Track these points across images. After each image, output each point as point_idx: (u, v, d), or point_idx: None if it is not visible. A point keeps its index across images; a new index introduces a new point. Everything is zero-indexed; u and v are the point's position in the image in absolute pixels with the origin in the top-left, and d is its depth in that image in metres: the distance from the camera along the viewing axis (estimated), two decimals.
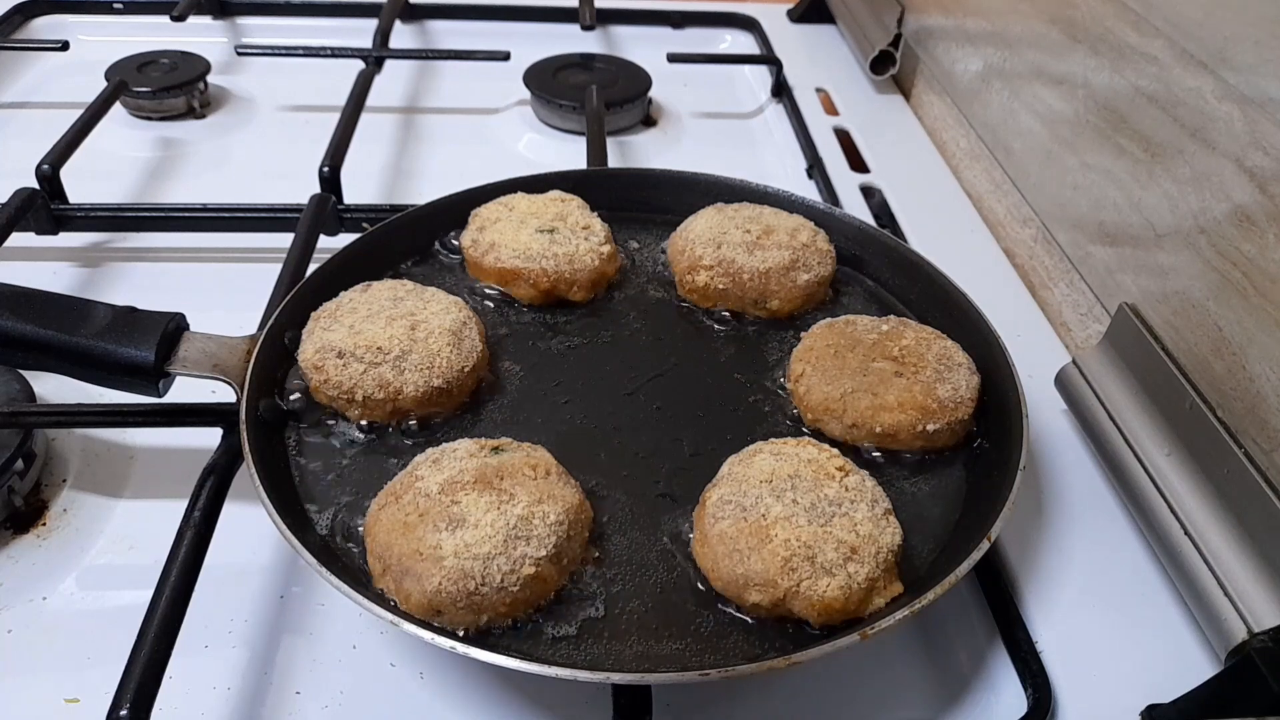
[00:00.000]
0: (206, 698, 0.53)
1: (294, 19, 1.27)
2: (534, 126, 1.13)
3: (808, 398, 0.64)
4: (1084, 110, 0.83)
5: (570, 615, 0.52)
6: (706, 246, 0.73)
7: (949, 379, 0.63)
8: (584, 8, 1.24)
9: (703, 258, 0.73)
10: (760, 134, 1.16)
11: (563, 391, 0.67)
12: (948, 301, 0.73)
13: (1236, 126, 0.63)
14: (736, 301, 0.73)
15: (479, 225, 0.75)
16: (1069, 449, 0.73)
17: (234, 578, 0.59)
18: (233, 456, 0.60)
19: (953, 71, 1.12)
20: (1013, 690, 0.56)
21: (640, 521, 0.58)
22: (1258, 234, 0.61)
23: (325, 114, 1.02)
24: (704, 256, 0.73)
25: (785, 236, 0.74)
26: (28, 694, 0.53)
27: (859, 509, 0.54)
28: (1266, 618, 0.54)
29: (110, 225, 0.86)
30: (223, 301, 0.70)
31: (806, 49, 1.33)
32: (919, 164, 1.10)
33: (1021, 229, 0.95)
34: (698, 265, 0.73)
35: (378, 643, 0.57)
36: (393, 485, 0.55)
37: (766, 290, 0.72)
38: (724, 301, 0.74)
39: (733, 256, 0.73)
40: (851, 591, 0.51)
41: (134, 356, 0.58)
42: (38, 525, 0.62)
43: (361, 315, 0.64)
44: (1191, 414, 0.63)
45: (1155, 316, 0.70)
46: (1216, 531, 0.59)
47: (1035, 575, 0.63)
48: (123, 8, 1.24)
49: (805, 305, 0.74)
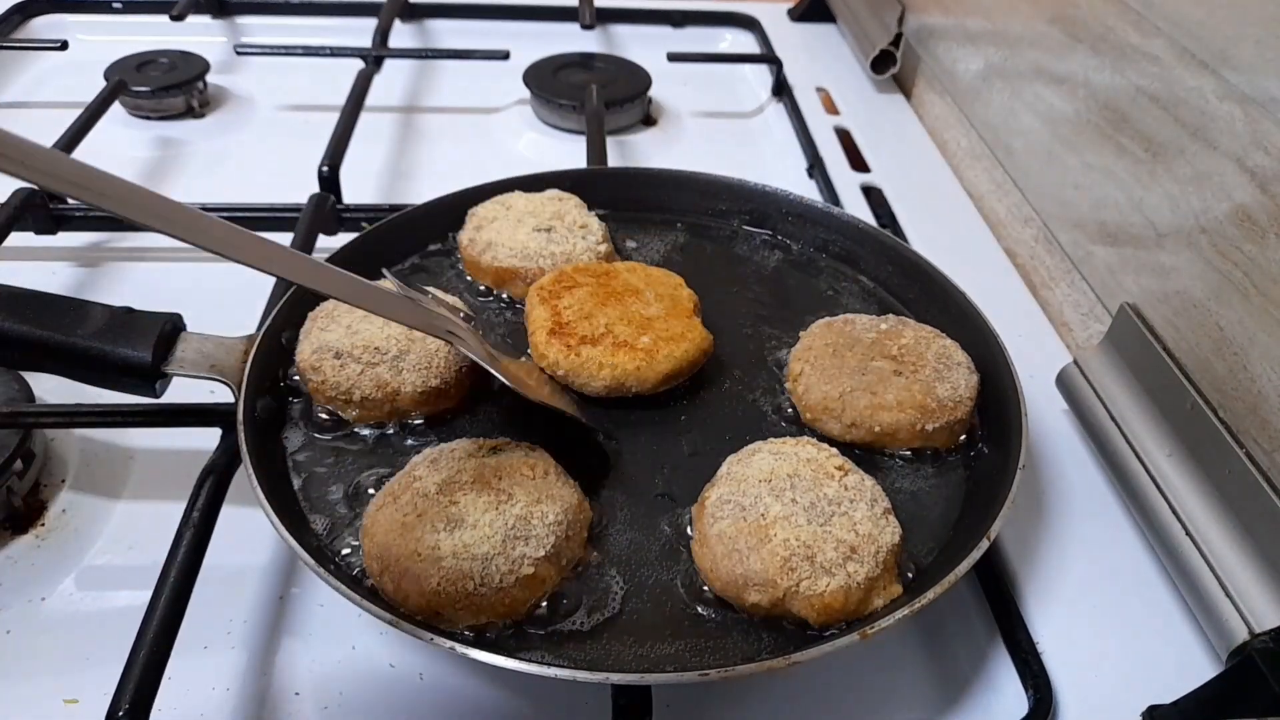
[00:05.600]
0: (206, 698, 0.53)
1: (293, 18, 1.27)
2: (534, 126, 1.13)
3: (806, 397, 0.64)
4: (1085, 110, 0.83)
5: (569, 615, 0.52)
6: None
7: (948, 378, 0.63)
8: (584, 7, 1.24)
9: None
10: (760, 133, 1.16)
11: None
12: (947, 301, 0.72)
13: (1238, 126, 0.63)
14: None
15: (476, 224, 0.75)
16: (1070, 449, 0.73)
17: (233, 579, 0.59)
18: (231, 457, 0.60)
19: (954, 71, 1.12)
20: (1013, 690, 0.56)
21: (639, 521, 0.58)
22: (1259, 234, 0.60)
23: (324, 113, 1.02)
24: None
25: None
26: (27, 695, 0.53)
27: (858, 508, 0.54)
28: (1267, 618, 0.54)
29: (109, 225, 0.86)
30: (221, 301, 0.69)
31: (807, 48, 1.33)
32: (919, 163, 1.10)
33: (1022, 228, 0.95)
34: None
35: (377, 643, 0.56)
36: (391, 485, 0.55)
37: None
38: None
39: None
40: (851, 591, 0.51)
41: (130, 357, 0.58)
42: (36, 525, 0.62)
43: (359, 315, 0.64)
44: (1193, 414, 0.63)
45: (1156, 316, 0.70)
46: (1218, 532, 0.59)
47: (1036, 575, 0.63)
48: (122, 7, 1.24)
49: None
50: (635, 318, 0.66)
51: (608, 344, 0.64)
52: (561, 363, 0.63)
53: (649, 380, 0.64)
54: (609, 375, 0.63)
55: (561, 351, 0.64)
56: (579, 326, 0.65)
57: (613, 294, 0.68)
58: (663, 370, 0.64)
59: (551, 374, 0.65)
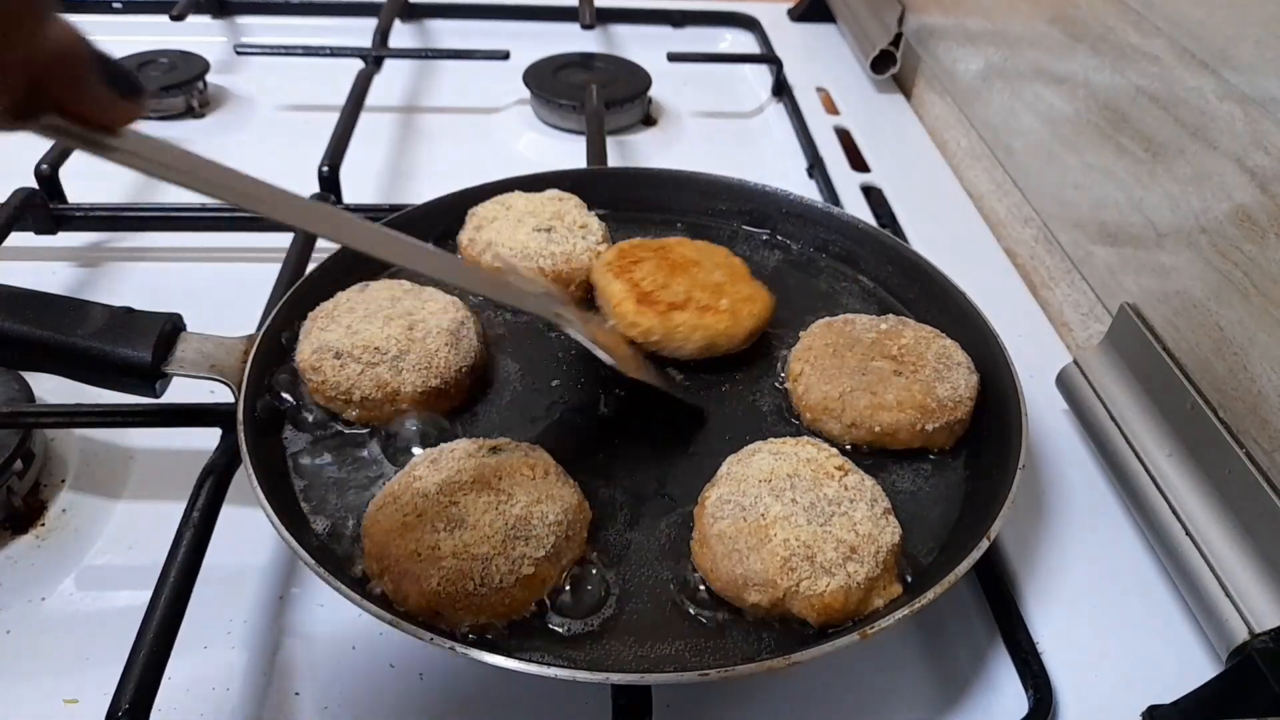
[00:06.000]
0: (206, 698, 0.53)
1: (293, 18, 1.27)
2: (534, 126, 1.13)
3: (806, 397, 0.64)
4: (1085, 110, 0.83)
5: (569, 615, 0.52)
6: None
7: (948, 378, 0.63)
8: (584, 7, 1.24)
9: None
10: (760, 133, 1.16)
11: (561, 390, 0.67)
12: (947, 301, 0.72)
13: (1238, 126, 0.63)
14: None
15: (476, 224, 0.75)
16: (1070, 449, 0.72)
17: (233, 579, 0.59)
18: (231, 457, 0.60)
19: (954, 71, 1.12)
20: (1013, 690, 0.56)
21: (639, 521, 0.58)
22: (1259, 234, 0.60)
23: (324, 113, 1.02)
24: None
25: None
26: (27, 695, 0.53)
27: (858, 508, 0.54)
28: (1267, 618, 0.54)
29: (109, 225, 0.86)
30: (221, 301, 0.70)
31: (807, 48, 1.33)
32: (920, 163, 1.10)
33: (1022, 229, 0.95)
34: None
35: (377, 643, 0.56)
36: (391, 485, 0.55)
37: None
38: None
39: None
40: (851, 591, 0.51)
41: (130, 357, 0.58)
42: (36, 525, 0.62)
43: (359, 315, 0.64)
44: (1193, 414, 0.63)
45: (1156, 316, 0.70)
46: (1218, 532, 0.59)
47: (1036, 575, 0.63)
48: (122, 7, 1.24)
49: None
50: (707, 284, 0.69)
51: (693, 309, 0.67)
52: (655, 329, 0.66)
53: (737, 338, 0.68)
54: (701, 337, 0.66)
55: (654, 319, 0.66)
56: (662, 295, 0.68)
57: (677, 265, 0.71)
58: (748, 327, 0.68)
59: (643, 341, 0.67)
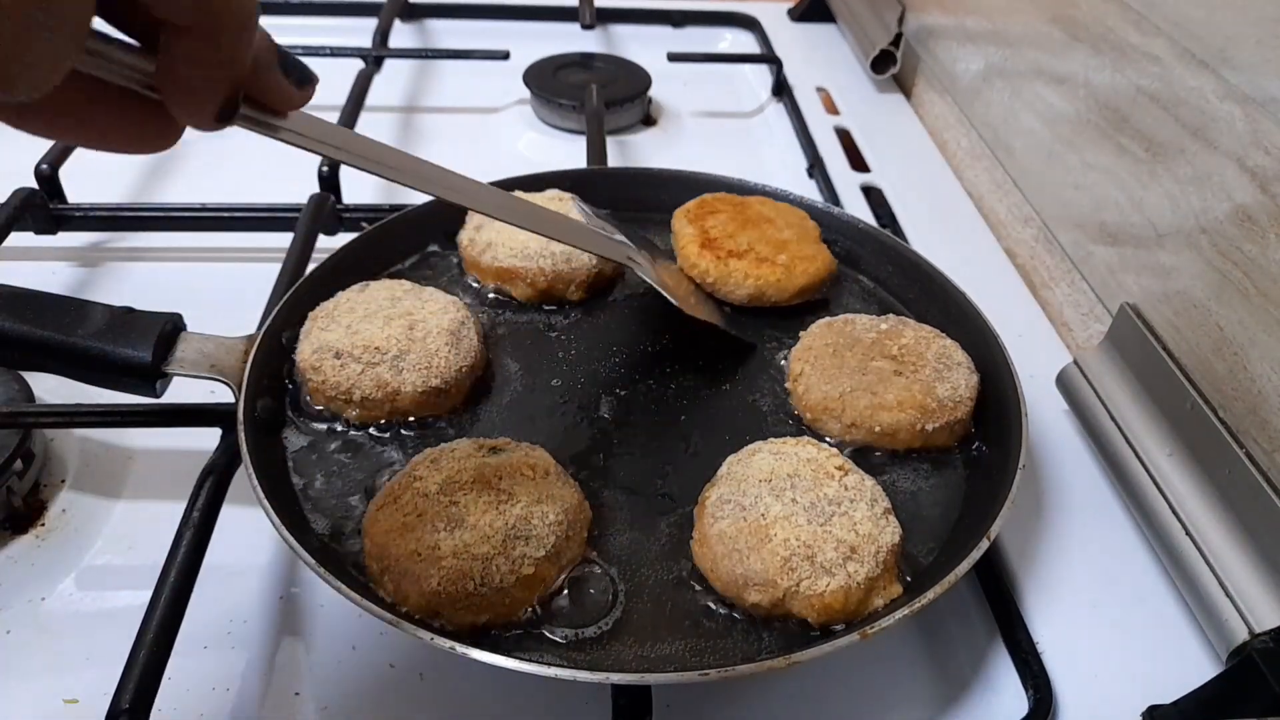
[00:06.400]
0: (206, 699, 0.53)
1: (293, 18, 1.27)
2: (534, 126, 1.13)
3: (806, 397, 0.64)
4: (1085, 110, 0.83)
5: (569, 615, 0.52)
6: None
7: (948, 378, 0.63)
8: (584, 6, 1.24)
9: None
10: (760, 133, 1.16)
11: (561, 391, 0.67)
12: (947, 301, 0.72)
13: (1238, 126, 0.63)
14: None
15: (476, 224, 0.75)
16: (1070, 449, 0.72)
17: (233, 579, 0.59)
18: (231, 457, 0.59)
19: (954, 71, 1.12)
20: (1013, 690, 0.56)
21: (639, 521, 0.58)
22: (1259, 234, 0.60)
23: (324, 113, 1.00)
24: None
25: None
26: (27, 695, 0.53)
27: (858, 508, 0.54)
28: (1268, 618, 0.54)
29: (109, 225, 0.86)
30: (221, 301, 0.69)
31: (807, 48, 1.33)
32: (920, 163, 1.10)
33: (1023, 229, 0.95)
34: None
35: (377, 644, 0.56)
36: (391, 486, 0.55)
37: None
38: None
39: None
40: (851, 591, 0.51)
41: (130, 357, 0.58)
42: (36, 525, 0.62)
43: (359, 315, 0.64)
44: (1193, 414, 0.63)
45: (1157, 316, 0.70)
46: (1218, 532, 0.59)
47: (1036, 575, 0.63)
48: None
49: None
50: (772, 240, 0.75)
51: (751, 258, 0.73)
52: (711, 271, 0.73)
53: (786, 291, 0.73)
54: (752, 284, 0.72)
55: (712, 262, 0.73)
56: (725, 243, 0.74)
57: (749, 220, 0.76)
58: (799, 283, 0.73)
59: (700, 281, 0.74)
